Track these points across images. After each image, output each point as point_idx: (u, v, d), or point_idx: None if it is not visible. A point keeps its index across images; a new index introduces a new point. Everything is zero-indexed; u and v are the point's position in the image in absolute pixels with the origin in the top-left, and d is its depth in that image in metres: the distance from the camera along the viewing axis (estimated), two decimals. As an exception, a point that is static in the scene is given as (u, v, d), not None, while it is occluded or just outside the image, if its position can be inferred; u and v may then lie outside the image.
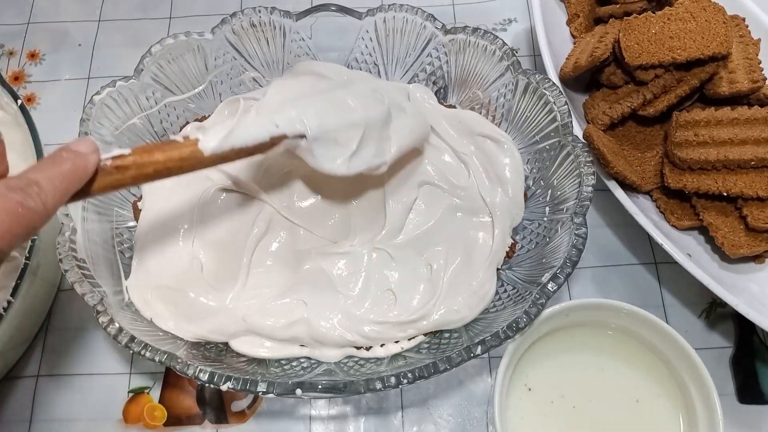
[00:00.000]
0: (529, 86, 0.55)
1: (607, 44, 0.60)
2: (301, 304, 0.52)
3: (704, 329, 0.59)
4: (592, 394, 0.49)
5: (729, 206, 0.56)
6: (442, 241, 0.54)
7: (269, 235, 0.54)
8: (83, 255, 0.48)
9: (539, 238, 0.54)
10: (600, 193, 0.60)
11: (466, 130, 0.58)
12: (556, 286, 0.46)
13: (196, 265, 0.52)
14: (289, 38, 0.59)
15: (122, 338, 0.45)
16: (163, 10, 0.76)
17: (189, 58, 0.57)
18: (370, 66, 0.62)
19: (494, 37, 0.56)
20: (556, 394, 0.49)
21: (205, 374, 0.44)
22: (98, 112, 0.53)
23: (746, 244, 0.54)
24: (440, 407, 0.56)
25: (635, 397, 0.49)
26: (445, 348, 0.49)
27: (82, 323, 0.59)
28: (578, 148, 0.51)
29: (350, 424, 0.55)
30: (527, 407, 0.49)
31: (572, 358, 0.50)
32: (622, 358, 0.50)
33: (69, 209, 0.49)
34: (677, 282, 0.60)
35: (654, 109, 0.58)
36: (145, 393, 0.57)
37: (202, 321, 0.50)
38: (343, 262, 0.53)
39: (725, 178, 0.54)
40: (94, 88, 0.58)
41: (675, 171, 0.56)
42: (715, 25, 0.55)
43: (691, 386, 0.47)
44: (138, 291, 0.51)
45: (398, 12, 0.57)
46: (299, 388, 0.44)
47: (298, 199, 0.54)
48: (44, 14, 0.76)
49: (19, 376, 0.57)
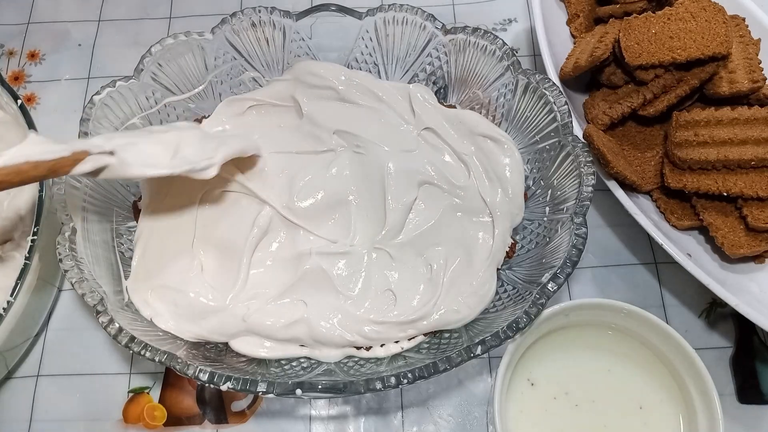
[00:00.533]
0: (529, 86, 0.55)
1: (607, 44, 0.60)
2: (301, 304, 0.52)
3: (704, 329, 0.59)
4: (596, 394, 0.49)
5: (729, 206, 0.56)
6: (442, 241, 0.54)
7: (269, 235, 0.54)
8: (83, 255, 0.48)
9: (539, 238, 0.54)
10: (600, 193, 0.60)
11: (466, 130, 0.58)
12: (556, 286, 0.46)
13: (196, 265, 0.53)
14: (289, 38, 0.59)
15: (122, 338, 0.45)
16: (163, 10, 0.76)
17: (189, 58, 0.57)
18: (370, 66, 0.62)
19: (494, 37, 0.56)
20: (561, 391, 0.49)
21: (205, 374, 0.44)
22: (98, 112, 0.53)
23: (746, 244, 0.54)
24: (440, 407, 0.56)
25: (639, 403, 0.49)
26: (445, 348, 0.49)
27: (82, 323, 0.59)
28: (578, 148, 0.51)
29: (350, 424, 0.55)
30: (528, 401, 0.49)
31: (581, 357, 0.50)
32: (630, 360, 0.50)
33: (69, 209, 0.49)
34: (677, 282, 0.60)
35: (654, 109, 0.58)
36: (145, 393, 0.57)
37: (202, 321, 0.50)
38: (343, 262, 0.53)
39: (725, 178, 0.54)
40: (94, 88, 0.58)
41: (675, 171, 0.56)
42: (715, 25, 0.55)
43: (691, 386, 0.47)
44: (138, 291, 0.51)
45: (398, 12, 0.57)
46: (299, 388, 0.44)
47: (298, 199, 0.54)
48: (44, 14, 0.76)
49: (19, 376, 0.57)
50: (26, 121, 0.54)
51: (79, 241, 0.48)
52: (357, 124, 0.57)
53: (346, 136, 0.57)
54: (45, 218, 0.51)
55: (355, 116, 0.58)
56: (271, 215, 0.54)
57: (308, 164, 0.56)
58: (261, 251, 0.53)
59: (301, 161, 0.57)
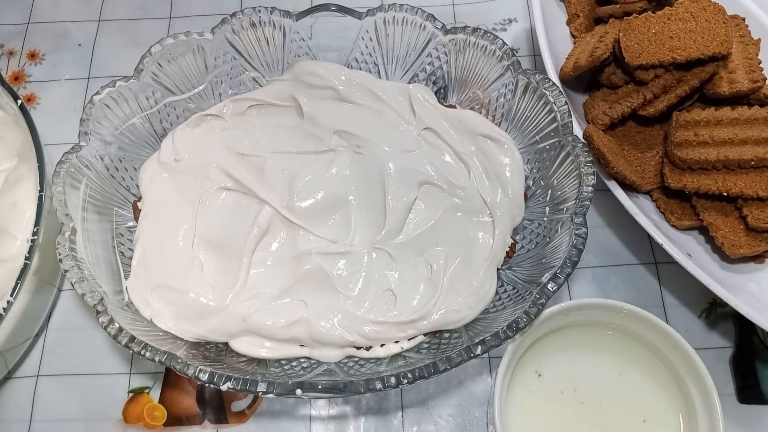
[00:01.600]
0: (529, 86, 0.55)
1: (607, 44, 0.60)
2: (301, 304, 0.52)
3: (704, 329, 0.59)
4: (602, 394, 0.49)
5: (729, 206, 0.56)
6: (442, 241, 0.54)
7: (269, 235, 0.54)
8: (83, 255, 0.48)
9: (539, 238, 0.54)
10: (600, 193, 0.60)
11: (467, 130, 0.58)
12: (556, 286, 0.46)
13: (196, 265, 0.52)
14: (288, 38, 0.59)
15: (122, 338, 0.45)
16: (163, 10, 0.76)
17: (189, 58, 0.57)
18: (370, 66, 0.62)
19: (494, 37, 0.56)
20: (569, 386, 0.49)
21: (205, 374, 0.44)
22: (98, 112, 0.53)
23: (746, 244, 0.54)
24: (440, 407, 0.56)
25: (639, 402, 0.49)
26: (445, 348, 0.49)
27: (82, 323, 0.59)
28: (578, 148, 0.51)
29: (350, 424, 0.55)
30: (533, 392, 0.49)
31: (582, 357, 0.50)
32: (629, 360, 0.50)
33: (69, 209, 0.49)
34: (677, 282, 0.60)
35: (654, 109, 0.57)
36: (145, 393, 0.57)
37: (202, 321, 0.50)
38: (343, 262, 0.53)
39: (725, 178, 0.54)
40: (94, 88, 0.58)
41: (675, 171, 0.56)
42: (715, 25, 0.55)
43: (691, 386, 0.47)
44: (138, 291, 0.51)
45: (398, 12, 0.57)
46: (299, 388, 0.44)
47: (298, 199, 0.54)
48: (44, 14, 0.76)
49: (19, 376, 0.57)
50: (26, 121, 0.54)
51: (79, 241, 0.48)
52: (357, 124, 0.57)
53: (346, 136, 0.57)
54: (45, 218, 0.51)
55: (355, 116, 0.58)
56: (271, 215, 0.54)
57: (308, 164, 0.56)
58: (261, 251, 0.53)
59: (301, 161, 0.56)
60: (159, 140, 0.59)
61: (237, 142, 0.58)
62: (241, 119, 0.60)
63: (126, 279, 0.52)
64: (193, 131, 0.59)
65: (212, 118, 0.60)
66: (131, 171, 0.57)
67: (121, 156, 0.56)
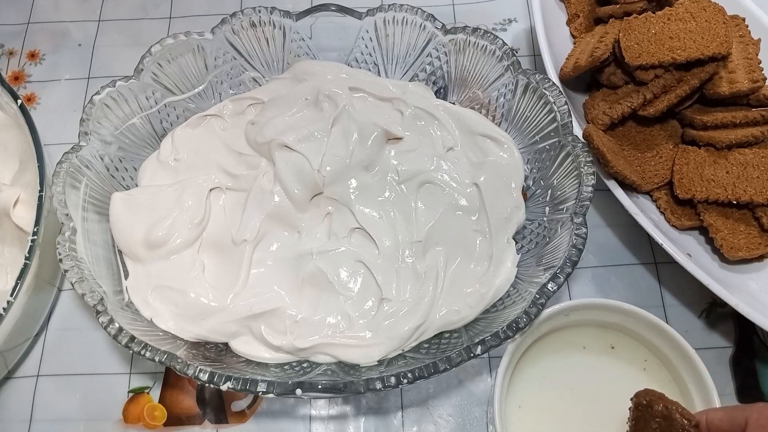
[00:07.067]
0: (529, 86, 0.55)
1: (607, 44, 0.60)
2: (301, 304, 0.52)
3: (704, 329, 0.59)
4: (603, 396, 0.49)
5: (730, 208, 0.56)
6: (442, 240, 0.54)
7: (269, 235, 0.54)
8: (83, 255, 0.48)
9: (539, 238, 0.54)
10: (600, 193, 0.60)
11: (467, 130, 0.58)
12: (556, 286, 0.46)
13: (197, 265, 0.52)
14: (288, 38, 0.59)
15: (122, 338, 0.45)
16: (163, 10, 0.76)
17: (189, 58, 0.57)
18: (369, 66, 0.62)
19: (494, 37, 0.56)
20: (569, 386, 0.49)
21: (205, 374, 0.44)
22: (98, 112, 0.53)
23: (745, 247, 0.54)
24: (440, 407, 0.56)
25: None
26: (445, 348, 0.49)
27: (82, 323, 0.59)
28: (578, 148, 0.51)
29: (350, 424, 0.55)
30: (533, 390, 0.49)
31: (583, 356, 0.50)
32: (629, 360, 0.50)
33: (69, 209, 0.49)
34: (677, 282, 0.60)
35: (654, 109, 0.57)
36: (145, 393, 0.57)
37: (202, 321, 0.50)
38: (343, 262, 0.53)
39: (735, 185, 0.54)
40: (94, 88, 0.58)
41: (683, 181, 0.56)
42: (715, 25, 0.55)
43: (691, 386, 0.47)
44: (138, 291, 0.51)
45: (398, 12, 0.57)
46: (299, 388, 0.44)
47: (298, 199, 0.54)
48: (44, 14, 0.76)
49: (19, 376, 0.57)
50: (26, 121, 0.54)
51: (79, 241, 0.48)
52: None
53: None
54: (45, 218, 0.51)
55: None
56: (272, 215, 0.54)
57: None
58: (261, 251, 0.53)
59: (300, 160, 0.56)
60: (159, 140, 0.59)
61: (237, 142, 0.58)
62: (241, 119, 0.60)
63: (126, 279, 0.52)
64: (193, 131, 0.59)
65: (212, 118, 0.60)
66: (131, 171, 0.57)
67: (121, 156, 0.56)
